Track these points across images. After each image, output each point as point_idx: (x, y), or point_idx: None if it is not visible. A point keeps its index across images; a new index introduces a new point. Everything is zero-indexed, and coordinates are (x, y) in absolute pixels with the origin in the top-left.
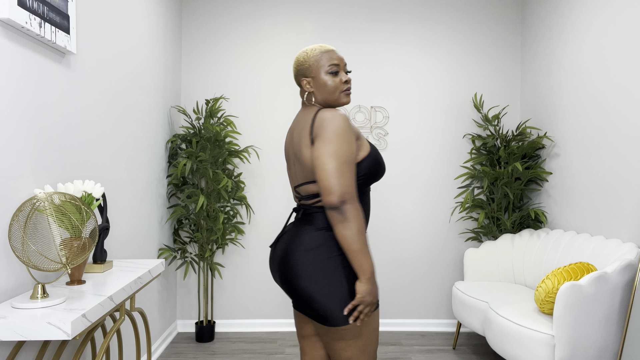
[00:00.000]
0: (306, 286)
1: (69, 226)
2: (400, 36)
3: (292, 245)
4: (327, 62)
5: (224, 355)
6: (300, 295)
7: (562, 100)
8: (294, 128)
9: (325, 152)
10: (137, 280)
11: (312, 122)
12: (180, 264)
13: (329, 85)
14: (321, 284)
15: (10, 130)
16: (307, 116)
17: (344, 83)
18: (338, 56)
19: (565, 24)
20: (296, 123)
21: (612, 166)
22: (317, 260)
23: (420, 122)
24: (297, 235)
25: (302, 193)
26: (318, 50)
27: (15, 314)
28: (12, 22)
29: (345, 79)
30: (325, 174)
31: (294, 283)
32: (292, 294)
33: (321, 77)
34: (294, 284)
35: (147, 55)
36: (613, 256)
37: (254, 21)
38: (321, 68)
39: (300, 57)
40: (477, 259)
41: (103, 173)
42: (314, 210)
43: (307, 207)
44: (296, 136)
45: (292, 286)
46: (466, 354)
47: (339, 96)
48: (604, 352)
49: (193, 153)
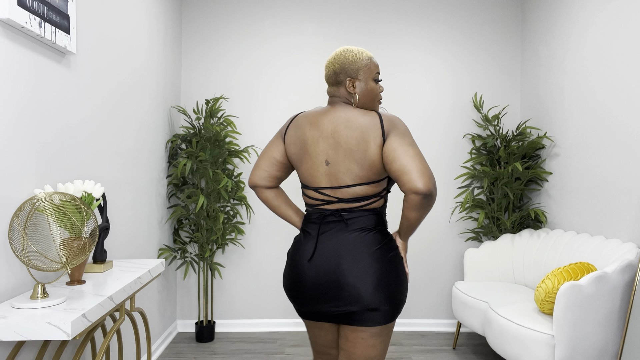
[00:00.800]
0: (388, 285)
1: (69, 226)
2: (400, 36)
3: (368, 248)
4: (374, 69)
5: (224, 355)
6: (370, 300)
7: (562, 100)
8: (326, 126)
9: (406, 142)
10: (137, 280)
11: (381, 121)
12: (180, 264)
13: (375, 92)
14: (395, 280)
15: (10, 130)
16: (356, 116)
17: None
18: (378, 65)
19: (566, 24)
20: (323, 120)
21: (612, 166)
22: (387, 259)
23: (420, 122)
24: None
25: (347, 196)
26: (366, 55)
27: (15, 314)
28: (12, 22)
29: (382, 89)
30: (415, 159)
31: (384, 285)
32: (357, 301)
33: (369, 82)
34: (384, 286)
35: (147, 55)
36: (613, 256)
37: (254, 21)
38: (370, 74)
39: (350, 57)
40: (477, 259)
41: (103, 173)
42: (362, 213)
43: (351, 209)
44: (351, 136)
45: (382, 289)
46: (466, 354)
47: (376, 104)
48: (604, 352)
49: (193, 153)
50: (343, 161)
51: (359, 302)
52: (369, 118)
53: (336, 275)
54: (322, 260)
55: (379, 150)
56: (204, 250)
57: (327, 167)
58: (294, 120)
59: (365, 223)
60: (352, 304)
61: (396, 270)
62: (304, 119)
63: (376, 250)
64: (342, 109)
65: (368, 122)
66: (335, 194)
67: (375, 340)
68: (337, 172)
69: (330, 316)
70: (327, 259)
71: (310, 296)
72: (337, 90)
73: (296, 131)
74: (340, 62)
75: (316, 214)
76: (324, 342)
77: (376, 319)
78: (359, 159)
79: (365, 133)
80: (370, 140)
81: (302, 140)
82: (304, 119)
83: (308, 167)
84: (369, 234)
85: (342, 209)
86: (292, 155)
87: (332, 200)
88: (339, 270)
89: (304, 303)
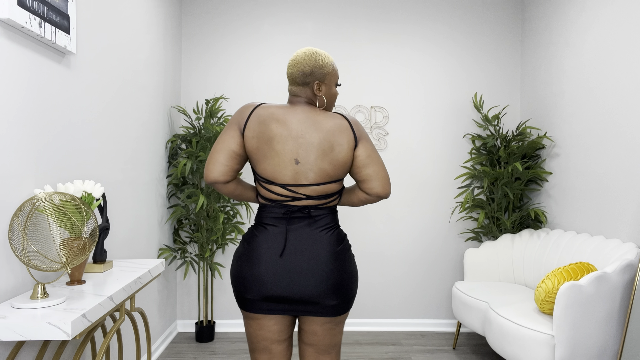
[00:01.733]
0: (347, 280)
1: (69, 226)
2: (400, 36)
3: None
4: (337, 75)
5: (224, 355)
6: (343, 290)
7: (562, 100)
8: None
9: (374, 149)
10: (137, 280)
11: (350, 125)
12: (180, 264)
13: (335, 96)
14: (352, 276)
15: (10, 130)
16: (322, 118)
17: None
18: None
19: (566, 24)
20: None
21: (612, 166)
22: (346, 257)
23: (420, 122)
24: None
25: (314, 193)
26: (332, 61)
27: (15, 314)
28: (12, 22)
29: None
30: (382, 167)
31: (346, 282)
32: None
33: (332, 87)
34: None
35: (147, 55)
36: (613, 256)
37: (254, 21)
38: (334, 79)
39: (320, 61)
40: (477, 259)
41: (103, 173)
42: (324, 211)
43: (316, 206)
44: (317, 137)
45: (344, 286)
46: (466, 354)
47: (333, 107)
48: (604, 352)
49: (193, 153)
50: (315, 161)
51: (321, 295)
52: (337, 121)
53: (304, 270)
54: (292, 255)
55: (351, 153)
56: (204, 250)
57: (296, 166)
58: (254, 113)
59: (328, 220)
60: (315, 296)
61: (352, 267)
62: (268, 115)
63: (339, 249)
64: (309, 109)
65: (338, 125)
66: (304, 191)
67: (337, 328)
68: (308, 170)
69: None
70: (296, 254)
71: (274, 287)
72: (302, 90)
73: (259, 126)
74: (311, 65)
75: (280, 209)
76: (268, 335)
77: (332, 311)
78: (332, 160)
79: (337, 136)
80: (343, 143)
81: (268, 136)
82: (267, 115)
83: (274, 163)
84: (333, 232)
85: (310, 205)
86: (252, 149)
87: (299, 197)
88: (306, 265)
89: (261, 293)
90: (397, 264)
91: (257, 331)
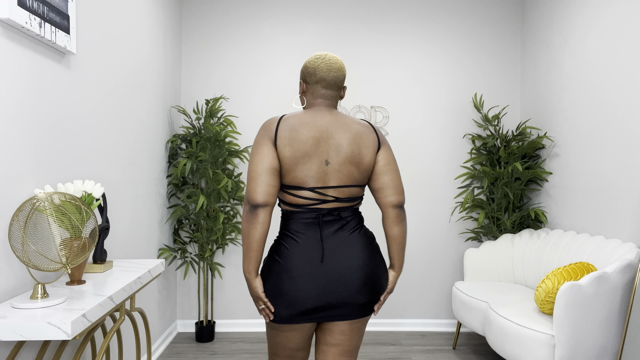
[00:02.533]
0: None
1: (69, 226)
2: (401, 36)
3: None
4: None
5: (224, 355)
6: (379, 289)
7: (562, 100)
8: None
9: (394, 158)
10: (137, 280)
11: (375, 129)
12: (180, 264)
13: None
14: (383, 273)
15: (10, 130)
16: (351, 121)
17: None
18: None
19: (566, 23)
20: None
21: (612, 166)
22: (377, 253)
23: (420, 122)
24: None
25: (343, 195)
26: None
27: (15, 314)
28: (12, 22)
29: None
30: (398, 176)
31: (379, 281)
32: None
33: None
34: (380, 281)
35: (147, 55)
36: (613, 256)
37: (254, 22)
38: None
39: (344, 67)
40: (477, 259)
41: (103, 173)
42: (352, 212)
43: (346, 208)
44: (346, 138)
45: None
46: (466, 354)
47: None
48: (604, 352)
49: (193, 153)
50: (344, 163)
51: (356, 296)
52: (363, 124)
53: (346, 274)
54: (332, 263)
55: (374, 157)
56: (204, 250)
57: (327, 167)
58: (281, 123)
59: (356, 221)
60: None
61: (383, 264)
62: (297, 122)
63: (373, 248)
64: (335, 112)
65: (364, 128)
66: (333, 193)
67: (364, 328)
68: (337, 172)
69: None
70: (335, 259)
71: (318, 297)
72: (332, 94)
73: (291, 132)
74: (343, 70)
75: (309, 213)
76: (294, 345)
77: (364, 311)
78: (357, 163)
79: (364, 138)
80: (369, 145)
81: (301, 141)
82: (296, 122)
83: (307, 167)
84: (360, 232)
85: (340, 207)
86: (287, 157)
87: (328, 199)
88: (347, 269)
89: (300, 307)
90: None
91: (283, 341)
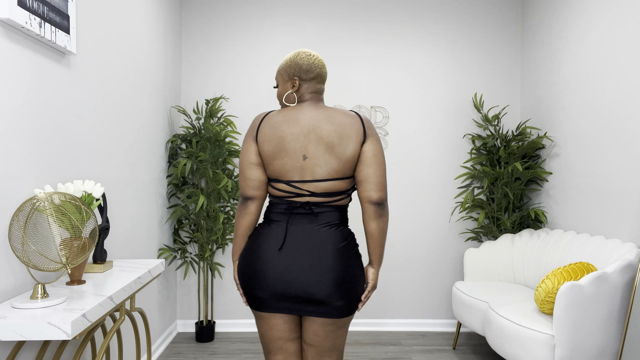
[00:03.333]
0: (351, 280)
1: (69, 226)
2: (400, 37)
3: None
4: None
5: (224, 355)
6: (346, 290)
7: (562, 100)
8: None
9: (381, 152)
10: (137, 280)
11: (362, 120)
12: (180, 264)
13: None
14: (357, 275)
15: (10, 130)
16: (335, 112)
17: None
18: None
19: (566, 23)
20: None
21: (612, 166)
22: (350, 255)
23: (420, 122)
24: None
25: (320, 190)
26: None
27: (15, 314)
28: (12, 22)
29: None
30: (382, 171)
31: (348, 282)
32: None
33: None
34: (349, 282)
35: (147, 55)
36: (613, 256)
37: (254, 21)
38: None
39: (297, 58)
40: (477, 259)
41: (103, 173)
42: (328, 208)
43: (319, 203)
44: (329, 132)
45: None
46: (466, 354)
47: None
48: (604, 352)
49: (193, 153)
50: (322, 155)
51: (322, 294)
52: (349, 115)
53: (304, 266)
54: (292, 250)
55: (358, 148)
56: (204, 250)
57: (303, 162)
58: (265, 119)
59: (332, 218)
60: (316, 294)
61: (357, 266)
62: (280, 118)
63: (342, 247)
64: (322, 106)
65: (350, 119)
66: (308, 188)
67: (340, 331)
68: (314, 165)
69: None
70: (296, 249)
71: (276, 283)
72: (322, 88)
73: (271, 129)
74: (324, 67)
75: (283, 204)
76: (279, 334)
77: (335, 313)
78: (339, 153)
79: (347, 128)
80: (352, 136)
81: (279, 137)
82: (279, 118)
83: (283, 162)
84: (336, 230)
85: (312, 202)
86: (265, 152)
87: (302, 193)
88: (307, 262)
89: (267, 290)
90: (397, 264)
91: (268, 331)
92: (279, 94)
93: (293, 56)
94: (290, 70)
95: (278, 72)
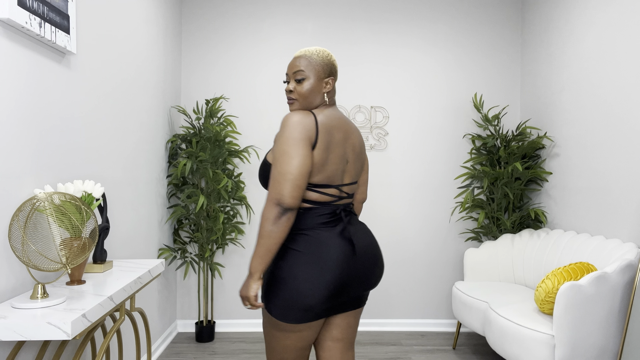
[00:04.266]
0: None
1: (69, 226)
2: (400, 36)
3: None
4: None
5: (224, 355)
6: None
7: (562, 100)
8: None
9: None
10: (137, 280)
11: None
12: (180, 264)
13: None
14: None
15: (10, 130)
16: (346, 119)
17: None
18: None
19: (566, 23)
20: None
21: (612, 166)
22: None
23: (420, 122)
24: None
25: (351, 191)
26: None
27: (15, 314)
28: (12, 22)
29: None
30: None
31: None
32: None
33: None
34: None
35: (147, 55)
36: (613, 256)
37: (254, 21)
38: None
39: (332, 58)
40: (477, 259)
41: (103, 173)
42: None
43: (351, 203)
44: (356, 137)
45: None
46: (466, 354)
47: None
48: (604, 352)
49: (193, 153)
50: (355, 161)
51: (377, 283)
52: (349, 121)
53: (371, 262)
54: (360, 250)
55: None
56: (204, 250)
57: (347, 166)
58: (319, 124)
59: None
60: (375, 285)
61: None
62: (328, 121)
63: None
64: (332, 108)
65: (351, 124)
66: (346, 190)
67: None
68: (352, 169)
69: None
70: (360, 248)
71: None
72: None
73: (326, 136)
74: (327, 61)
75: (329, 208)
76: (307, 343)
77: (365, 301)
78: (362, 161)
79: (359, 136)
80: (363, 144)
81: (332, 143)
82: (328, 121)
83: (335, 167)
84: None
85: (349, 203)
86: (317, 160)
87: (343, 196)
88: (371, 258)
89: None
90: (397, 264)
91: (297, 342)
92: (308, 90)
93: (328, 54)
94: (327, 68)
95: (311, 66)
